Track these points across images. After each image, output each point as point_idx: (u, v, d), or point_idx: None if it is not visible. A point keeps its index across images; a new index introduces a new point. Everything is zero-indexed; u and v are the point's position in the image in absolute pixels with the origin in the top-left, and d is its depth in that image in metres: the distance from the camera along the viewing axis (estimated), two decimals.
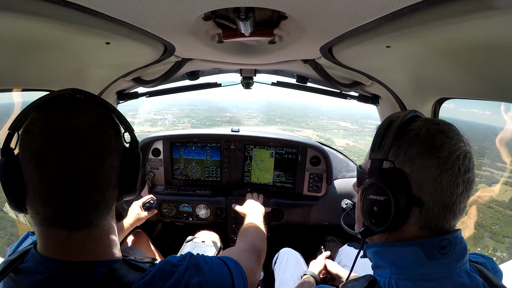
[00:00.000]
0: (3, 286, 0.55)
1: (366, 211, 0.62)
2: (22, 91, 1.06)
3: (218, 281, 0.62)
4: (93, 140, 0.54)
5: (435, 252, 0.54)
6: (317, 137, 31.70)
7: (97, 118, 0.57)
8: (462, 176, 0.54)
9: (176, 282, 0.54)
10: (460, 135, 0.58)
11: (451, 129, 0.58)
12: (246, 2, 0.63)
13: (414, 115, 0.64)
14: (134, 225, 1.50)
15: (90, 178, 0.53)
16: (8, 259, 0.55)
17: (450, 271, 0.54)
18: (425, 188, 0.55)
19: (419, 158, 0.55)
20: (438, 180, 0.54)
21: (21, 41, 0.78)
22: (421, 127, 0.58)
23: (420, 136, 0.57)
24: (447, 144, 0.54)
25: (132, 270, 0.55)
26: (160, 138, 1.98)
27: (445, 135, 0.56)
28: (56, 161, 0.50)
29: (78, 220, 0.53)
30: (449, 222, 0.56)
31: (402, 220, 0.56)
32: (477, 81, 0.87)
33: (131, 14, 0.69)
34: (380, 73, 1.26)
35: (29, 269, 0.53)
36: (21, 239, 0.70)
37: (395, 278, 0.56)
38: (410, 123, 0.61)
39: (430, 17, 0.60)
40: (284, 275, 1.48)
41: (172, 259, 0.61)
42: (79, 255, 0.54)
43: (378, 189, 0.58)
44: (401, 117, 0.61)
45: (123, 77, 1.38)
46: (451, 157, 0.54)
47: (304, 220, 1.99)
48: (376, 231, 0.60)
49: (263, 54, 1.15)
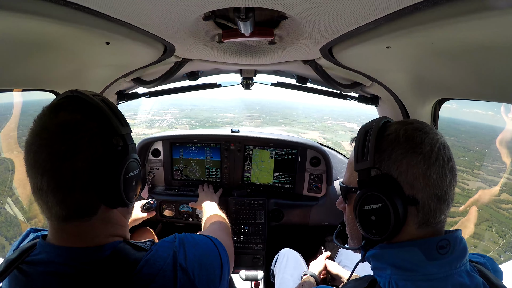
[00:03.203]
0: (11, 281, 0.57)
1: (363, 223, 0.62)
2: (23, 91, 1.06)
3: (206, 250, 0.71)
4: (56, 140, 0.54)
5: (434, 252, 0.54)
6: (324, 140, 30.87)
7: (73, 120, 0.56)
8: (447, 165, 0.56)
9: (175, 254, 0.63)
10: (433, 128, 0.60)
11: (424, 125, 0.61)
12: (246, 2, 0.63)
13: (386, 120, 0.67)
14: (130, 224, 1.50)
15: (51, 177, 0.53)
16: (9, 258, 0.56)
17: (450, 271, 0.54)
18: (416, 186, 0.56)
19: (404, 159, 0.57)
20: (427, 174, 0.55)
21: (21, 41, 0.78)
22: (399, 129, 0.60)
23: (400, 137, 0.59)
24: (426, 139, 0.57)
25: (135, 250, 0.62)
26: (160, 138, 1.98)
27: (422, 131, 0.58)
28: (29, 158, 0.55)
29: (58, 214, 0.56)
30: (445, 212, 0.58)
31: (402, 222, 0.57)
32: (477, 81, 0.86)
33: (131, 14, 0.69)
34: (380, 74, 1.25)
35: (42, 260, 0.57)
36: (23, 236, 0.71)
37: (395, 278, 0.56)
38: (386, 129, 0.63)
39: (430, 17, 0.60)
40: (284, 275, 1.48)
41: (166, 238, 0.69)
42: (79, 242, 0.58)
43: (373, 198, 0.59)
44: (376, 124, 0.63)
45: (123, 77, 1.38)
46: (433, 150, 0.56)
47: (304, 220, 1.98)
48: (378, 240, 0.60)
49: (263, 55, 1.15)
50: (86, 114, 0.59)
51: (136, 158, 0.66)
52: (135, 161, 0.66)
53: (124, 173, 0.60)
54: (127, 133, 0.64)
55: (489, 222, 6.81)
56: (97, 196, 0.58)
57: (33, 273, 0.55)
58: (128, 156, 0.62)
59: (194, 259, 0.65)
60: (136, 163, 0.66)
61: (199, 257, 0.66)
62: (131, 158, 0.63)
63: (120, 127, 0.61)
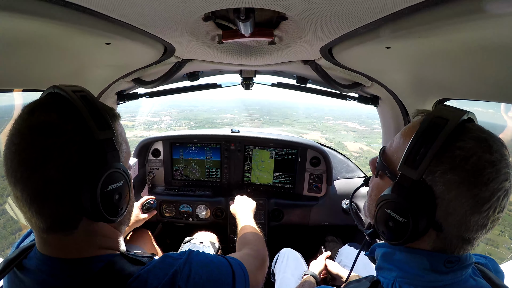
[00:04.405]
0: (9, 281, 0.57)
1: (379, 220, 0.57)
2: (23, 91, 1.06)
3: (218, 275, 0.61)
4: (26, 146, 0.48)
5: (441, 265, 0.53)
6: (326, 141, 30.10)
7: (46, 122, 0.49)
8: (493, 216, 0.49)
9: (176, 273, 0.55)
10: (509, 166, 0.48)
11: (504, 157, 0.48)
12: (246, 3, 0.63)
13: (466, 118, 0.52)
14: (133, 227, 1.49)
15: (23, 187, 0.48)
16: (9, 257, 0.56)
17: (456, 279, 0.53)
18: (450, 220, 0.49)
19: (456, 189, 0.48)
20: (467, 218, 0.48)
21: (21, 42, 0.78)
22: (472, 153, 0.48)
23: (468, 165, 0.47)
24: (493, 182, 0.47)
25: (131, 264, 0.56)
26: (160, 138, 1.99)
27: (495, 168, 0.47)
28: (5, 164, 0.50)
29: (38, 225, 0.51)
30: (465, 250, 0.53)
31: (415, 238, 0.53)
32: (477, 82, 0.86)
33: (131, 14, 0.69)
34: (380, 74, 1.26)
35: (32, 267, 0.54)
36: (24, 236, 0.71)
37: (400, 281, 0.55)
38: (460, 135, 0.50)
39: (430, 18, 0.60)
40: (285, 275, 1.48)
41: (172, 254, 0.61)
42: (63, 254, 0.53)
43: (399, 208, 0.53)
44: (453, 123, 0.50)
45: (123, 78, 1.38)
46: (491, 199, 0.47)
47: (304, 220, 1.98)
48: (385, 240, 0.59)
49: (263, 55, 1.15)
50: (63, 114, 0.51)
51: (120, 168, 0.55)
52: (118, 172, 0.55)
53: (101, 187, 0.51)
54: (107, 138, 0.53)
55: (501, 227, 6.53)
56: (74, 209, 0.51)
57: (25, 281, 0.54)
58: (107, 166, 0.52)
59: (200, 282, 0.56)
60: (119, 173, 0.55)
61: (206, 282, 0.57)
62: (112, 169, 0.53)
63: (97, 131, 0.52)
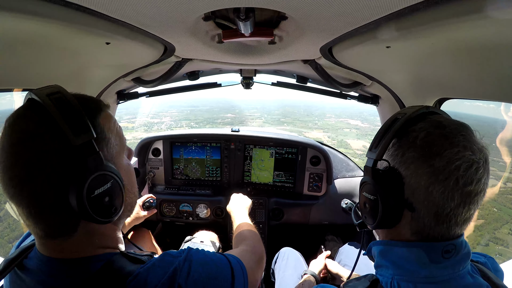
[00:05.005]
0: (10, 281, 0.57)
1: (361, 206, 0.65)
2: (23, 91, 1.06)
3: (217, 272, 0.62)
4: (10, 164, 0.47)
5: (439, 256, 0.53)
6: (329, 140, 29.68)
7: (24, 132, 0.48)
8: (460, 189, 0.49)
9: (176, 271, 0.55)
10: (470, 141, 0.51)
11: (460, 133, 0.51)
12: (246, 3, 0.63)
13: (427, 111, 0.59)
14: (132, 224, 1.49)
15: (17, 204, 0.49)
16: (9, 257, 0.57)
17: (453, 274, 0.53)
18: (416, 195, 0.53)
19: (413, 164, 0.53)
20: (429, 190, 0.51)
21: (22, 41, 0.78)
22: (422, 129, 0.54)
23: (418, 140, 0.53)
24: (447, 152, 0.49)
25: (130, 262, 0.56)
26: (160, 138, 1.99)
27: (449, 141, 0.50)
28: None
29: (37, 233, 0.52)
30: (441, 233, 0.53)
31: (393, 221, 0.57)
32: (477, 81, 0.86)
33: (131, 14, 0.69)
34: (380, 73, 1.26)
35: (32, 267, 0.55)
36: (25, 236, 0.71)
37: (398, 279, 0.55)
38: (417, 122, 0.57)
39: (430, 17, 0.60)
40: (285, 274, 1.48)
41: (171, 252, 0.62)
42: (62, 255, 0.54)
43: (369, 188, 0.60)
44: (408, 114, 0.57)
45: (123, 77, 1.38)
46: (448, 167, 0.49)
47: (304, 219, 1.99)
48: (369, 226, 0.63)
49: (263, 54, 1.15)
50: (40, 122, 0.49)
51: (105, 170, 0.53)
52: (103, 174, 0.53)
53: (87, 194, 0.50)
54: (85, 141, 0.50)
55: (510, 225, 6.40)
56: (70, 215, 0.51)
57: (26, 280, 0.54)
58: (88, 172, 0.50)
59: (200, 279, 0.57)
60: (105, 175, 0.53)
61: (206, 279, 0.58)
62: (96, 173, 0.51)
63: (73, 137, 0.48)
